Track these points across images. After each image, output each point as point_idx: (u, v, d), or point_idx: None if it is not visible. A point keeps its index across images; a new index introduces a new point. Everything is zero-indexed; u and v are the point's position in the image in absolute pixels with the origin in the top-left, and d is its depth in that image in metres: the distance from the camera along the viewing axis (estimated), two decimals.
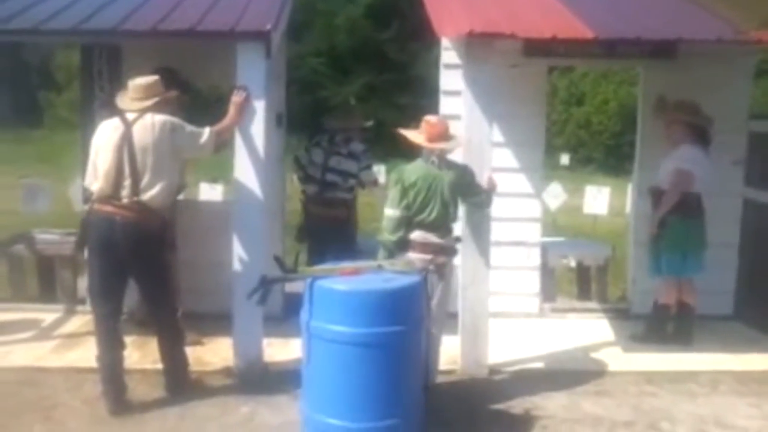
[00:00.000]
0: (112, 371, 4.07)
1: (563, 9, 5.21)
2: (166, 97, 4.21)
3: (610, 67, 18.07)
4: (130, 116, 4.09)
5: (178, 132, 4.10)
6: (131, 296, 4.50)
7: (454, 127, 4.56)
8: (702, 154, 5.12)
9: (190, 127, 4.17)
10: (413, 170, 4.20)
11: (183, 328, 4.42)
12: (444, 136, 4.21)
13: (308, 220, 5.74)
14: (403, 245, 4.16)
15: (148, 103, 4.11)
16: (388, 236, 4.16)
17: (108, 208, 3.99)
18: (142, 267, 4.09)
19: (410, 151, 4.53)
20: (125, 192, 3.98)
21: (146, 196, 4.00)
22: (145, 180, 3.99)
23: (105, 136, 4.08)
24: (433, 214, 4.14)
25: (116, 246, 3.97)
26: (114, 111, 4.21)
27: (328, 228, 5.51)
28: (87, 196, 4.29)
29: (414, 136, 4.25)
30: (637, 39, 4.75)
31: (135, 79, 4.21)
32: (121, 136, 4.01)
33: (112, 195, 3.99)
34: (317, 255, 5.26)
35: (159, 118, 4.06)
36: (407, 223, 4.16)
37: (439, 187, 4.14)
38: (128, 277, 4.14)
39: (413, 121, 4.49)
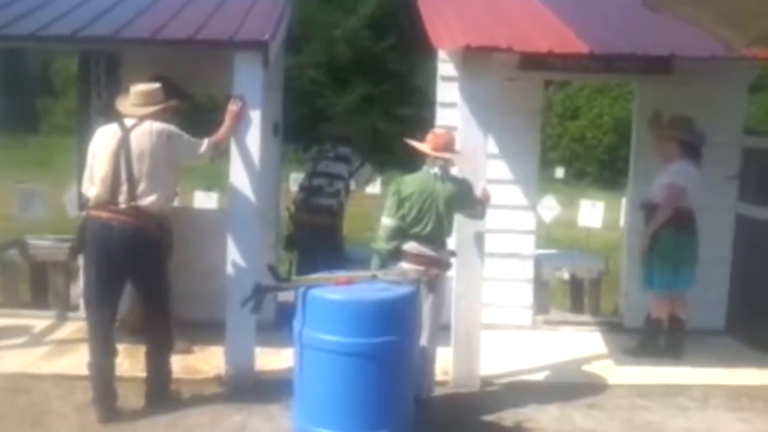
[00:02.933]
0: (104, 378, 4.05)
1: (560, 24, 5.25)
2: (166, 106, 4.23)
3: (605, 81, 18.20)
4: (128, 122, 4.10)
5: (176, 140, 4.12)
6: (123, 304, 4.49)
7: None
8: (694, 169, 5.14)
9: (187, 136, 4.19)
10: (411, 182, 4.23)
11: (174, 337, 4.41)
12: (448, 147, 4.26)
13: (295, 229, 5.71)
14: (396, 255, 4.18)
15: (149, 110, 4.13)
16: (382, 245, 4.19)
17: (105, 214, 3.99)
18: (139, 272, 4.08)
19: (407, 162, 4.56)
20: (122, 198, 3.99)
21: (143, 202, 4.00)
22: (142, 186, 4.00)
23: (102, 141, 4.09)
24: (428, 228, 4.16)
25: (113, 252, 3.97)
26: (111, 118, 4.22)
27: (312, 236, 5.45)
28: (84, 203, 4.28)
29: (420, 145, 4.31)
30: (633, 54, 4.80)
31: (137, 84, 4.22)
32: (119, 142, 4.02)
33: (109, 201, 3.99)
34: (305, 264, 5.25)
35: (157, 125, 4.08)
36: (402, 233, 4.19)
37: (435, 201, 4.16)
38: (125, 283, 4.14)
39: (411, 132, 4.53)
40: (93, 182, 4.09)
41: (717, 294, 5.88)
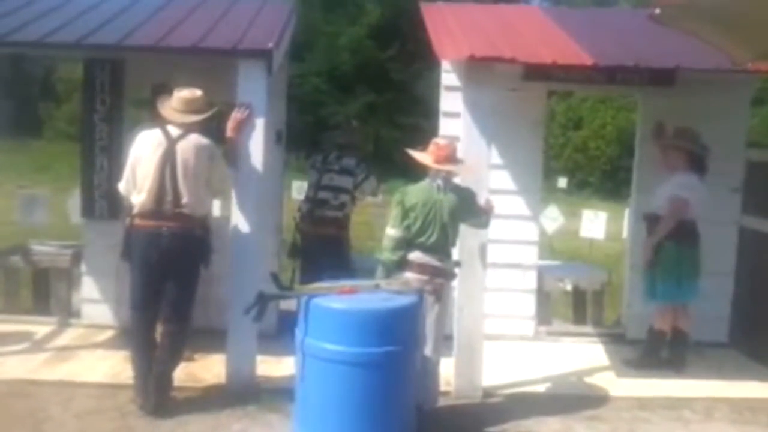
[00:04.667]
0: (145, 372, 4.17)
1: (564, 35, 5.27)
2: (209, 116, 4.30)
3: (608, 92, 18.24)
4: (173, 131, 4.20)
5: (215, 162, 4.27)
6: None
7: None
8: (698, 181, 5.14)
9: (223, 162, 4.33)
10: (415, 192, 4.21)
11: (184, 349, 4.45)
12: (451, 158, 4.23)
13: (301, 239, 5.71)
14: (402, 265, 4.16)
15: (192, 118, 4.23)
16: (388, 255, 4.16)
17: (153, 222, 4.14)
18: (182, 275, 4.21)
19: (409, 171, 4.55)
20: (168, 206, 4.14)
21: (187, 209, 4.16)
22: (185, 195, 4.15)
23: (147, 149, 4.20)
24: (433, 238, 4.15)
25: (163, 256, 4.13)
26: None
27: (318, 246, 5.46)
28: (127, 209, 4.39)
29: (421, 157, 4.27)
30: (636, 66, 4.81)
31: (181, 89, 4.29)
32: (164, 153, 4.15)
33: (154, 209, 4.14)
34: (309, 273, 5.24)
35: (203, 142, 4.22)
36: (407, 243, 4.17)
37: (439, 211, 4.15)
38: (167, 285, 4.22)
39: (414, 141, 4.51)
40: (134, 186, 4.22)
41: (720, 306, 5.86)
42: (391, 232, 4.18)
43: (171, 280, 4.20)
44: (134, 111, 5.63)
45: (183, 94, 4.27)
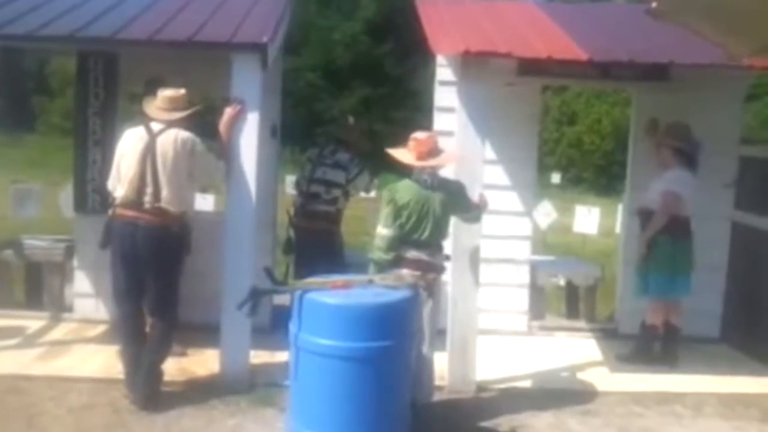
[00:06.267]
0: (136, 365, 4.19)
1: (558, 30, 5.26)
2: (191, 113, 4.33)
3: (603, 87, 18.26)
4: (155, 127, 4.24)
5: (198, 156, 4.28)
6: None
7: (448, 144, 4.59)
8: (690, 177, 5.16)
9: (208, 155, 4.33)
10: (405, 190, 4.15)
11: (172, 342, 4.44)
12: (433, 152, 4.16)
13: (294, 233, 5.70)
14: (395, 262, 4.14)
15: (174, 116, 4.27)
16: (382, 255, 4.08)
17: (131, 213, 4.19)
18: (158, 269, 4.22)
19: (401, 166, 4.52)
20: (147, 198, 4.18)
21: (166, 204, 4.18)
22: (165, 189, 4.18)
23: (130, 144, 4.26)
24: (426, 234, 4.12)
25: (138, 248, 4.16)
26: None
27: (311, 241, 5.44)
28: (110, 200, 4.43)
29: (403, 155, 4.17)
30: (631, 61, 4.81)
31: (164, 89, 4.33)
32: (145, 147, 4.19)
33: (134, 201, 4.18)
34: (302, 268, 5.23)
35: (183, 135, 4.23)
36: (400, 240, 4.14)
37: (431, 206, 4.12)
38: (145, 278, 4.25)
39: (408, 136, 4.45)
40: (120, 181, 4.27)
41: (712, 302, 5.88)
42: (384, 231, 4.10)
43: (148, 273, 4.23)
44: (128, 105, 5.61)
45: (166, 93, 4.32)
